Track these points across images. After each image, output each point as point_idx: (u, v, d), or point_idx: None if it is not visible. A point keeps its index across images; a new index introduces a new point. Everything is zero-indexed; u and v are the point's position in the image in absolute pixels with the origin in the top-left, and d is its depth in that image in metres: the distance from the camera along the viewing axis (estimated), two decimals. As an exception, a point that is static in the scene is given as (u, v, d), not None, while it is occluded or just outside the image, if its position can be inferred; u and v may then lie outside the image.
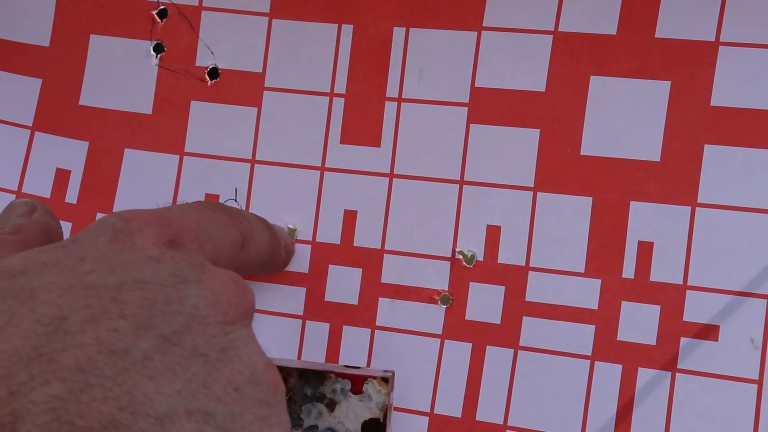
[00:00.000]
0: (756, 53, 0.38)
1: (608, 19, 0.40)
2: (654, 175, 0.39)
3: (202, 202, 0.34)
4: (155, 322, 0.25)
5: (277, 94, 0.43)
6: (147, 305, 0.25)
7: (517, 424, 0.40)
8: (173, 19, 0.44)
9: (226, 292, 0.27)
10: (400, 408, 0.41)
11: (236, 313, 0.27)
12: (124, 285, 0.26)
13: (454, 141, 0.41)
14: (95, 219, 0.44)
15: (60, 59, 0.45)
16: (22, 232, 0.33)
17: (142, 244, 0.27)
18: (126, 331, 0.25)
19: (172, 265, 0.27)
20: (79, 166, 0.45)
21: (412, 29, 0.42)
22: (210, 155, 0.44)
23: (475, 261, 0.41)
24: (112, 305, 0.25)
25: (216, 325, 0.27)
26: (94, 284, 0.26)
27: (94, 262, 0.26)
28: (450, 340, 0.41)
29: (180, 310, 0.26)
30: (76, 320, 0.24)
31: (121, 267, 0.26)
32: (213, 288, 0.27)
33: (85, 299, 0.25)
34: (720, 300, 0.38)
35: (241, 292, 0.28)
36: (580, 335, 0.39)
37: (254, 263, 0.37)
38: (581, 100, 0.40)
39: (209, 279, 0.27)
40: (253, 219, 0.37)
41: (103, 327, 0.25)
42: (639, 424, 0.38)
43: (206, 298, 0.27)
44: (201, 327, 0.26)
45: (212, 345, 0.26)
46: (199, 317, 0.26)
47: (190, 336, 0.26)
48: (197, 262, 0.27)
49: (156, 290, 0.26)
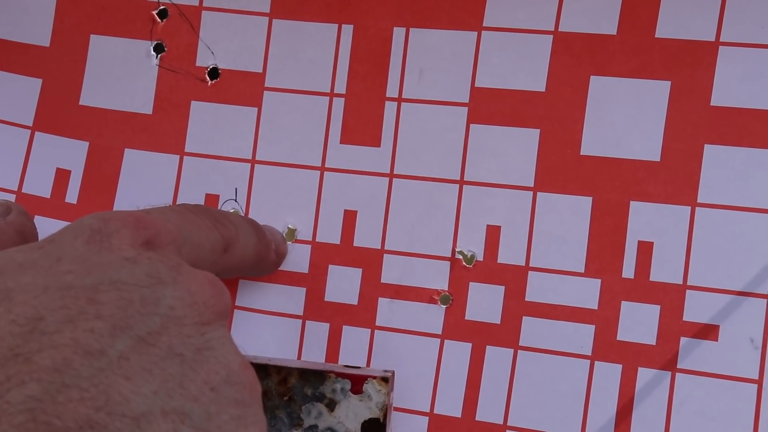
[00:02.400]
0: (756, 53, 0.38)
1: (608, 19, 0.40)
2: (654, 175, 0.39)
3: (186, 205, 0.34)
4: (131, 323, 0.25)
5: (277, 94, 0.43)
6: (123, 306, 0.26)
7: (517, 424, 0.40)
8: (173, 19, 0.44)
9: (203, 293, 0.27)
10: (400, 408, 0.41)
11: (212, 313, 0.27)
12: (100, 285, 0.26)
13: (454, 141, 0.41)
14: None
15: (60, 59, 0.45)
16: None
17: (118, 245, 0.27)
18: (102, 331, 0.25)
19: (148, 266, 0.27)
20: (79, 166, 0.45)
21: (412, 29, 0.42)
22: (210, 155, 0.44)
23: (475, 261, 0.41)
24: (89, 306, 0.25)
25: (192, 325, 0.27)
26: (71, 285, 0.26)
27: (70, 262, 0.26)
28: (450, 340, 0.41)
29: (156, 311, 0.26)
30: (53, 321, 0.25)
31: (97, 268, 0.26)
32: (189, 289, 0.27)
33: (62, 300, 0.25)
34: (720, 300, 0.38)
35: (217, 293, 0.28)
36: (580, 335, 0.39)
37: (240, 266, 0.37)
38: (581, 100, 0.40)
39: (185, 280, 0.27)
40: (239, 222, 0.37)
41: (80, 327, 0.25)
42: (639, 423, 0.38)
43: (182, 298, 0.27)
44: (177, 327, 0.26)
45: (188, 345, 0.26)
46: (175, 318, 0.26)
47: (167, 336, 0.26)
48: (174, 264, 0.28)
49: (132, 291, 0.26)
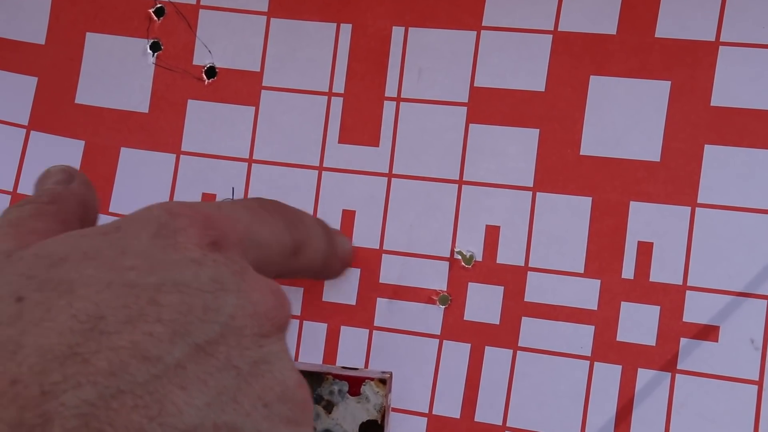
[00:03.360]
0: (756, 53, 0.38)
1: (608, 19, 0.40)
2: (654, 176, 0.39)
3: (263, 201, 0.33)
4: (191, 329, 0.25)
5: (275, 93, 0.43)
6: (184, 311, 0.25)
7: (516, 425, 0.40)
8: (170, 18, 0.44)
9: (265, 304, 0.26)
10: (399, 409, 0.41)
11: (272, 326, 0.26)
12: (162, 286, 0.25)
13: (453, 141, 0.41)
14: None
15: (56, 57, 0.45)
16: (59, 202, 0.31)
17: (185, 243, 0.26)
18: (162, 336, 0.24)
19: (213, 270, 0.26)
20: (75, 165, 0.44)
21: (411, 28, 0.42)
22: (207, 154, 0.44)
23: (474, 261, 0.41)
24: (150, 307, 0.24)
25: (251, 337, 0.26)
26: (134, 283, 0.25)
27: (135, 257, 0.25)
28: (448, 340, 0.41)
29: (216, 318, 0.25)
30: (113, 320, 0.24)
31: (161, 266, 0.25)
32: (252, 298, 0.26)
33: (124, 298, 0.24)
34: (720, 300, 0.38)
35: (279, 305, 0.27)
36: (579, 336, 0.39)
37: (305, 271, 0.36)
38: (581, 100, 0.40)
39: (249, 288, 0.26)
40: (312, 226, 0.36)
41: (139, 330, 0.24)
42: (638, 424, 0.38)
43: (244, 308, 0.26)
44: (236, 338, 0.25)
45: (245, 357, 0.25)
46: (235, 328, 0.25)
47: (225, 347, 0.25)
48: (238, 268, 0.27)
49: (195, 295, 0.25)
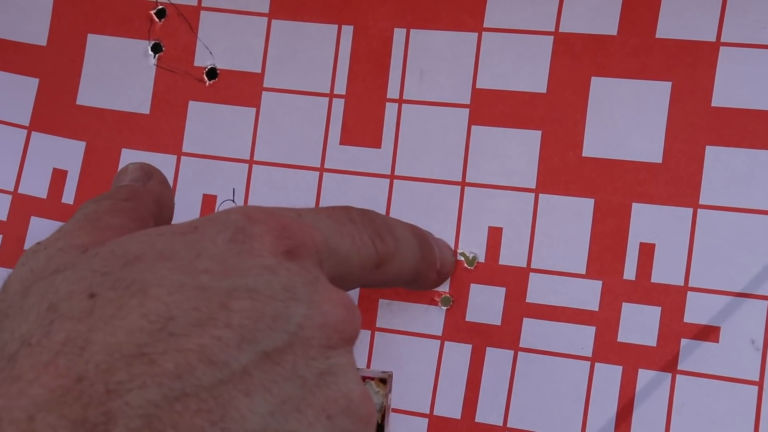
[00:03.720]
0: (757, 54, 0.38)
1: (609, 20, 0.40)
2: (656, 177, 0.39)
3: (350, 212, 0.32)
4: (259, 337, 0.24)
5: (276, 94, 0.43)
6: (254, 317, 0.25)
7: (516, 426, 0.40)
8: (171, 19, 0.44)
9: (335, 316, 0.26)
10: (400, 409, 0.41)
11: (341, 338, 0.26)
12: (234, 291, 0.25)
13: (455, 142, 0.41)
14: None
15: (57, 59, 0.45)
16: (135, 200, 0.31)
17: (259, 250, 0.26)
18: (230, 341, 0.24)
19: (286, 278, 0.26)
20: (76, 166, 0.44)
21: (412, 30, 0.42)
22: (208, 156, 0.44)
23: (476, 262, 0.41)
24: (220, 311, 0.24)
25: (318, 348, 0.26)
26: (206, 286, 0.25)
27: (209, 260, 0.25)
28: (450, 341, 0.41)
29: (285, 327, 0.25)
30: (183, 322, 0.24)
31: (234, 271, 0.25)
32: (322, 310, 0.26)
33: (195, 301, 0.24)
34: (721, 301, 0.38)
35: (349, 318, 0.27)
36: (580, 336, 0.39)
37: (392, 282, 0.36)
38: (582, 102, 0.40)
39: (320, 299, 0.26)
40: (404, 237, 0.35)
41: (208, 334, 0.24)
42: (639, 425, 0.38)
43: (313, 318, 0.26)
44: (303, 348, 0.25)
45: (312, 368, 0.25)
46: (303, 338, 0.25)
47: (292, 356, 0.25)
48: (311, 278, 0.26)
49: (266, 302, 0.25)
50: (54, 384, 0.22)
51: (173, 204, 0.34)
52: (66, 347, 0.23)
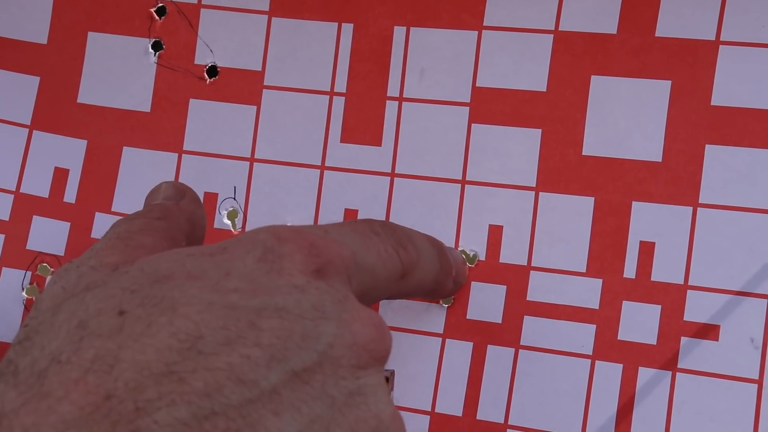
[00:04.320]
0: (757, 52, 0.38)
1: (609, 18, 0.40)
2: (656, 176, 0.39)
3: (372, 224, 0.32)
4: (288, 356, 0.24)
5: (276, 92, 0.43)
6: (283, 336, 0.24)
7: (517, 423, 0.40)
8: (172, 17, 0.44)
9: (364, 336, 0.26)
10: (401, 407, 0.41)
11: (370, 357, 0.26)
12: (264, 310, 0.25)
13: (455, 141, 0.41)
14: (94, 218, 0.44)
15: (58, 57, 0.45)
16: (168, 219, 0.31)
17: (289, 269, 0.26)
18: (259, 360, 0.24)
19: (315, 297, 0.26)
20: (78, 165, 0.44)
21: (412, 28, 0.42)
22: (209, 153, 0.44)
23: (477, 260, 0.41)
24: (249, 330, 0.24)
25: (348, 367, 0.25)
26: (235, 305, 0.25)
27: (239, 279, 0.25)
28: (451, 339, 0.41)
29: (315, 346, 0.25)
30: (211, 341, 0.24)
31: (264, 290, 0.25)
32: (352, 329, 0.26)
33: (224, 320, 0.24)
34: (720, 300, 0.38)
35: (379, 337, 0.26)
36: (581, 335, 0.39)
37: (414, 292, 0.36)
38: (582, 100, 0.40)
39: (350, 318, 0.26)
40: (424, 247, 0.35)
41: (237, 352, 0.24)
42: (639, 423, 0.39)
43: (343, 337, 0.25)
44: (333, 368, 0.25)
45: (341, 388, 0.25)
46: (332, 357, 0.25)
47: (321, 375, 0.25)
48: (340, 297, 0.26)
49: (295, 321, 0.25)
50: (83, 401, 0.22)
51: (205, 223, 0.34)
52: (95, 364, 0.23)
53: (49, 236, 0.44)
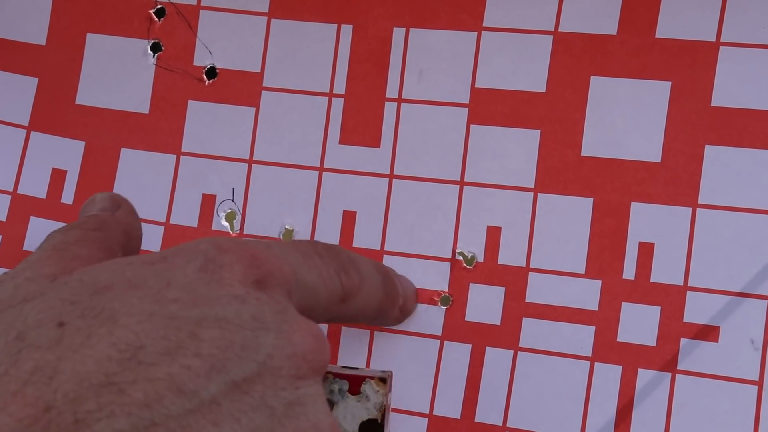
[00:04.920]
0: (757, 53, 0.38)
1: (608, 19, 0.40)
2: (655, 176, 0.39)
3: (316, 246, 0.32)
4: (228, 366, 0.24)
5: (275, 94, 0.43)
6: (223, 346, 0.24)
7: (516, 425, 0.40)
8: (171, 18, 0.44)
9: (304, 346, 0.26)
10: (400, 409, 0.41)
11: (310, 368, 0.26)
12: (204, 321, 0.25)
13: (454, 141, 0.41)
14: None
15: (56, 58, 0.45)
16: (104, 230, 0.31)
17: (229, 280, 0.26)
18: (199, 370, 0.24)
19: (255, 308, 0.26)
20: (76, 166, 0.44)
21: (411, 29, 0.42)
22: (207, 155, 0.44)
23: (475, 262, 0.41)
24: (189, 341, 0.24)
25: (287, 378, 0.26)
26: (176, 315, 0.25)
27: (179, 289, 0.25)
28: (449, 341, 0.41)
29: (255, 357, 0.25)
30: (152, 351, 0.24)
31: (204, 300, 0.25)
32: (291, 339, 0.26)
33: (165, 330, 0.24)
34: (720, 301, 0.38)
35: (318, 348, 0.27)
36: (580, 336, 0.39)
37: (356, 317, 0.36)
38: (581, 101, 0.40)
39: (289, 329, 0.26)
40: (369, 273, 0.35)
41: (177, 363, 0.24)
42: (639, 425, 0.38)
43: (283, 348, 0.26)
44: (272, 378, 0.25)
45: (280, 398, 0.25)
46: (272, 367, 0.25)
47: (261, 386, 0.25)
48: (280, 308, 0.26)
49: (235, 332, 0.25)
50: (22, 413, 0.22)
51: (141, 234, 0.34)
52: (34, 376, 0.23)
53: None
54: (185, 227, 0.43)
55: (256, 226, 0.43)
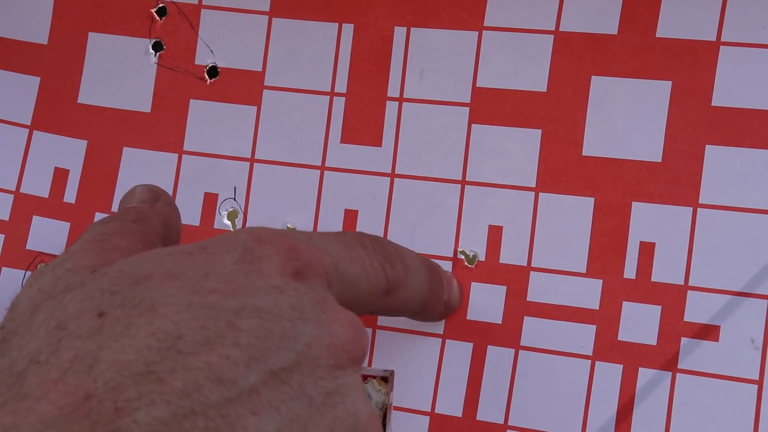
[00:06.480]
0: (757, 53, 0.38)
1: (609, 19, 0.40)
2: (656, 176, 0.39)
3: (361, 237, 0.32)
4: (267, 355, 0.24)
5: (276, 93, 0.43)
6: (262, 336, 0.25)
7: (517, 424, 0.40)
8: (172, 18, 0.44)
9: (342, 336, 0.26)
10: (401, 407, 0.41)
11: (348, 358, 0.26)
12: (242, 311, 0.25)
13: (455, 141, 0.41)
14: (94, 218, 0.44)
15: (58, 57, 0.45)
16: (143, 221, 0.32)
17: (268, 270, 0.26)
18: (238, 360, 0.24)
19: (293, 298, 0.26)
20: (78, 165, 0.44)
21: (413, 29, 0.42)
22: (209, 154, 0.44)
23: (476, 261, 0.41)
24: (228, 330, 0.24)
25: (326, 367, 0.26)
26: (214, 305, 0.25)
27: (218, 280, 0.25)
28: (451, 339, 0.41)
29: (293, 346, 0.25)
30: (191, 341, 0.24)
31: (242, 291, 0.25)
32: (330, 330, 0.26)
33: (204, 319, 0.24)
34: (721, 300, 0.38)
35: (357, 338, 0.27)
36: (581, 335, 0.39)
37: (400, 310, 0.36)
38: (582, 101, 0.40)
39: (328, 319, 0.26)
40: (415, 267, 0.35)
41: (216, 352, 0.24)
42: (639, 424, 0.39)
43: (321, 338, 0.26)
44: (311, 368, 0.25)
45: (319, 388, 0.25)
46: (310, 357, 0.25)
47: (299, 375, 0.25)
48: (319, 298, 0.27)
49: (273, 322, 0.25)
50: (62, 401, 0.22)
51: (180, 226, 0.34)
52: (75, 365, 0.23)
53: (49, 236, 0.44)
54: (187, 226, 0.43)
55: (258, 225, 0.43)
